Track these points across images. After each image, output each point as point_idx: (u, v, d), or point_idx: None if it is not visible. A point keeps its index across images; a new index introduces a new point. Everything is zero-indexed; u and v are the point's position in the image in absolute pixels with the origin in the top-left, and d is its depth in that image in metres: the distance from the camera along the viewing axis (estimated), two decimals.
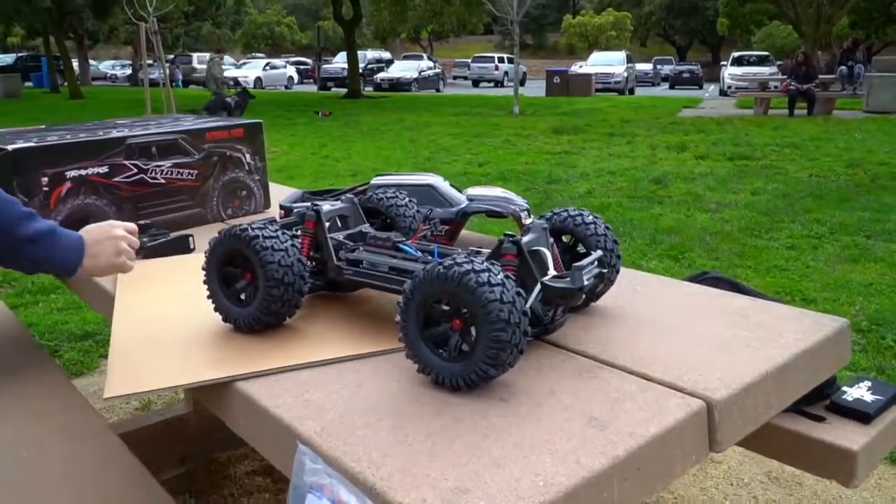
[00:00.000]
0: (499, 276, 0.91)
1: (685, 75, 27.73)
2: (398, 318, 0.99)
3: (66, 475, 1.23)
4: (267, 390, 1.00)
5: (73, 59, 29.00)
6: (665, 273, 4.00)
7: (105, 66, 38.28)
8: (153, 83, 10.25)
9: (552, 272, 1.06)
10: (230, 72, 30.68)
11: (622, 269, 1.48)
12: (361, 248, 1.23)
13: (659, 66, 31.86)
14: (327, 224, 1.27)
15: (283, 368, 1.05)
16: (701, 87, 26.29)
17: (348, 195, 1.36)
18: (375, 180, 1.69)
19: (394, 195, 1.43)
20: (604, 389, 0.97)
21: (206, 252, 1.19)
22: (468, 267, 0.91)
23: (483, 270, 0.91)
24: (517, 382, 0.99)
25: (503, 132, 10.79)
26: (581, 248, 1.26)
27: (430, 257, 1.17)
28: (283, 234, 1.15)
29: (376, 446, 0.84)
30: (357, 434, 0.87)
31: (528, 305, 0.97)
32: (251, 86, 28.08)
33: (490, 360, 0.91)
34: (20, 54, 34.15)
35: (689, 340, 1.13)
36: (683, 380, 0.99)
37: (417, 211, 1.44)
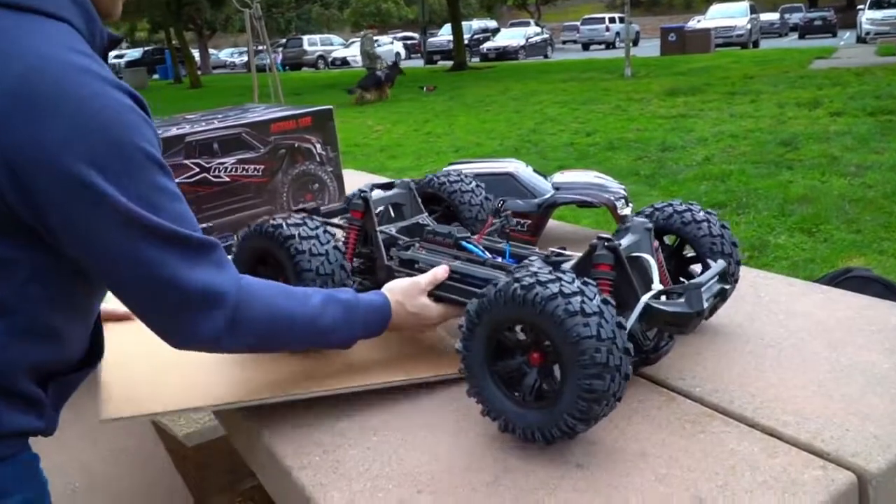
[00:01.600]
0: (595, 303, 0.70)
1: (817, 23, 25.46)
2: (459, 345, 0.79)
3: None
4: (295, 444, 0.83)
5: (195, 50, 30.54)
6: (796, 251, 3.56)
7: (225, 55, 40.00)
8: (260, 69, 10.49)
9: (657, 286, 0.81)
10: (339, 51, 31.29)
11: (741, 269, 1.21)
12: (417, 245, 1.04)
13: (787, 15, 29.46)
14: (377, 214, 1.08)
15: (317, 394, 0.88)
16: (835, 35, 24.04)
17: (404, 180, 1.17)
18: (447, 169, 1.49)
19: (458, 178, 1.23)
20: (714, 452, 0.74)
21: (233, 247, 1.04)
22: (554, 289, 0.70)
23: (574, 294, 0.69)
24: (599, 438, 0.78)
25: (613, 97, 10.24)
26: (687, 251, 1.02)
27: (499, 258, 0.97)
28: (325, 232, 0.98)
29: None
30: None
31: (629, 325, 0.76)
32: (359, 64, 28.52)
33: (580, 413, 0.70)
34: (147, 48, 36.31)
35: (831, 375, 0.86)
36: (825, 438, 0.74)
37: (486, 198, 1.23)
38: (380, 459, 0.78)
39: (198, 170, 1.70)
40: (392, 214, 1.14)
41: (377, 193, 1.10)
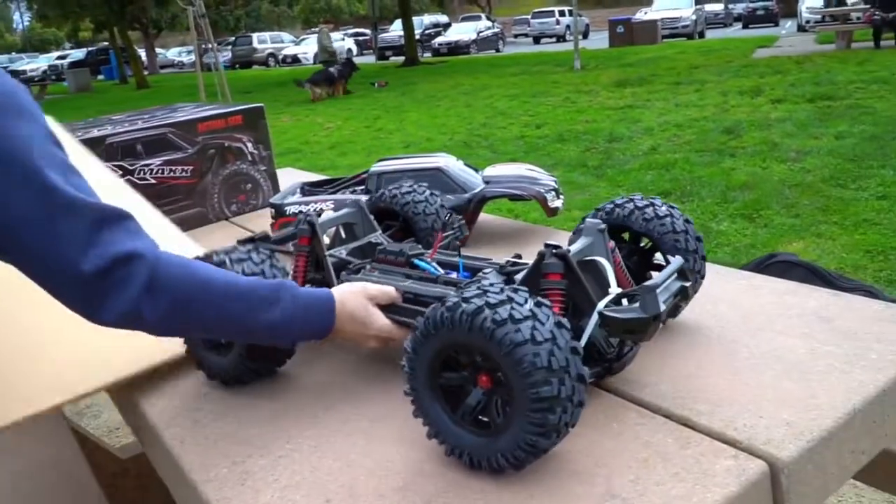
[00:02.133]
0: (525, 307, 0.66)
1: (759, 13, 26.02)
2: (406, 387, 0.74)
3: None
4: (202, 456, 0.80)
5: (141, 49, 29.74)
6: (737, 236, 3.63)
7: (173, 54, 39.06)
8: (207, 68, 10.28)
9: (615, 289, 0.78)
10: (288, 49, 30.85)
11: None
12: (368, 267, 0.99)
13: (731, 5, 30.09)
14: (326, 239, 1.04)
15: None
16: (777, 25, 24.61)
17: (353, 198, 1.12)
18: (375, 167, 1.47)
19: (410, 189, 1.17)
20: (628, 444, 0.73)
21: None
22: (478, 302, 0.66)
23: (501, 303, 0.65)
24: None
25: (563, 89, 10.31)
26: (646, 244, 0.99)
27: (454, 273, 0.92)
28: (272, 266, 0.92)
29: None
30: None
31: (586, 337, 0.73)
32: (310, 62, 28.17)
33: (528, 446, 0.65)
34: (91, 48, 35.26)
35: (749, 362, 0.86)
36: (738, 426, 0.74)
37: (441, 206, 1.18)
38: (290, 468, 0.76)
39: (121, 173, 1.64)
40: (343, 236, 1.10)
41: (325, 216, 1.06)
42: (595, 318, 0.74)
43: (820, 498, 0.72)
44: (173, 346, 0.98)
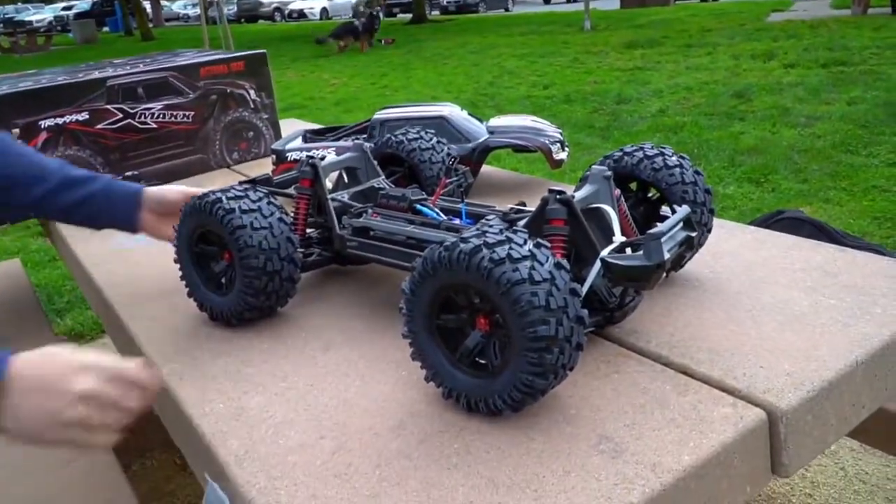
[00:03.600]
0: (525, 248, 0.64)
1: None
2: (404, 329, 0.73)
3: (27, 470, 1.09)
4: (199, 390, 0.80)
5: (146, 1, 29.27)
6: (744, 200, 3.60)
7: (178, 7, 38.50)
8: (212, 21, 10.14)
9: (619, 238, 0.76)
10: (294, 4, 30.34)
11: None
12: (370, 212, 0.98)
13: None
14: (329, 183, 1.03)
15: None
16: None
17: (358, 141, 1.11)
18: (379, 115, 1.44)
19: (417, 136, 1.16)
20: (626, 392, 0.72)
21: (175, 226, 0.97)
22: (476, 242, 0.65)
23: (499, 243, 0.64)
24: None
25: (572, 50, 10.15)
26: (654, 194, 0.97)
27: (456, 220, 0.91)
28: (269, 203, 0.91)
29: (305, 480, 0.63)
30: (287, 460, 0.67)
31: (588, 285, 0.72)
32: (317, 17, 27.74)
33: (525, 386, 0.65)
34: (96, 0, 34.78)
35: (750, 313, 0.85)
36: (737, 375, 0.73)
37: (448, 154, 1.16)
38: (286, 406, 0.75)
39: (122, 116, 1.62)
40: (346, 180, 1.08)
41: (328, 160, 1.04)
42: (598, 265, 0.74)
43: (818, 449, 0.72)
44: None
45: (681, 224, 0.77)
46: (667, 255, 0.70)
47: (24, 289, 1.85)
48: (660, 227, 0.74)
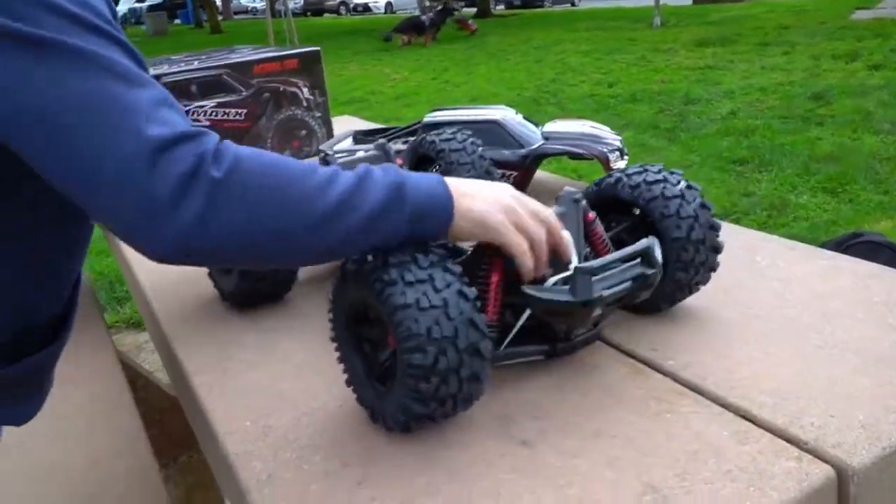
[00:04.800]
0: (424, 271, 0.61)
1: None
2: (331, 334, 0.73)
3: (65, 467, 1.10)
4: (228, 405, 0.77)
5: None
6: (817, 211, 3.42)
7: (246, 0, 39.45)
8: (278, 14, 10.32)
9: (573, 265, 0.68)
10: None
11: (736, 230, 1.12)
12: None
13: None
14: None
15: None
16: None
17: (379, 141, 1.08)
18: (429, 117, 1.40)
19: (450, 137, 1.12)
20: (678, 435, 0.66)
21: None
22: (394, 274, 0.61)
23: (400, 263, 0.61)
24: (551, 412, 0.71)
25: (639, 47, 9.89)
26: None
27: None
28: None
29: None
30: (310, 489, 0.63)
31: (524, 317, 0.69)
32: (381, 11, 27.93)
33: (410, 391, 0.62)
34: None
35: (822, 351, 0.78)
36: (804, 424, 0.66)
37: (481, 156, 1.12)
38: (313, 427, 0.72)
39: None
40: None
41: (343, 158, 1.02)
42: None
43: None
44: None
45: (637, 258, 0.71)
46: (599, 293, 0.66)
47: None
48: (597, 260, 0.69)
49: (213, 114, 1.67)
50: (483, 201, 0.65)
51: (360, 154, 1.05)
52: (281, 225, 0.57)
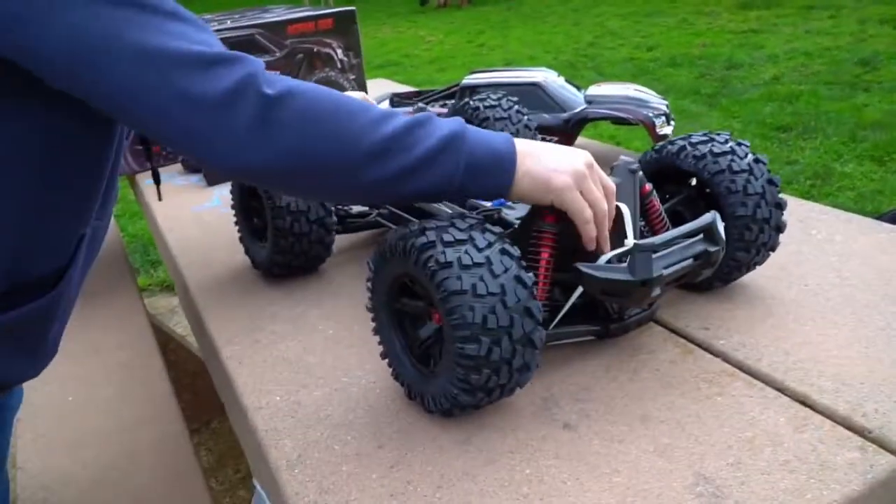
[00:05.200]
0: (483, 253, 0.57)
1: None
2: (368, 304, 0.70)
3: (97, 433, 1.10)
4: (257, 379, 0.75)
5: None
6: (864, 181, 3.29)
7: None
8: None
9: (630, 241, 0.65)
10: None
11: (791, 201, 1.06)
12: None
13: None
14: None
15: None
16: None
17: (420, 105, 1.04)
18: (467, 79, 1.35)
19: (494, 103, 1.07)
20: (731, 421, 0.62)
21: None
22: (432, 237, 0.58)
23: (457, 242, 0.57)
24: (595, 395, 0.67)
25: (680, 10, 9.59)
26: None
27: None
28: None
29: (358, 497, 0.57)
30: (342, 471, 0.61)
31: (576, 294, 0.66)
32: None
33: (459, 381, 0.59)
34: None
35: (885, 333, 0.73)
36: (867, 412, 0.61)
37: (526, 125, 1.07)
38: (345, 404, 0.69)
39: None
40: None
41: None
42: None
43: None
44: None
45: (697, 235, 0.66)
46: (659, 272, 0.61)
47: (113, 241, 1.88)
48: (660, 236, 0.65)
49: None
50: (551, 162, 0.62)
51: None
52: (330, 150, 0.57)
